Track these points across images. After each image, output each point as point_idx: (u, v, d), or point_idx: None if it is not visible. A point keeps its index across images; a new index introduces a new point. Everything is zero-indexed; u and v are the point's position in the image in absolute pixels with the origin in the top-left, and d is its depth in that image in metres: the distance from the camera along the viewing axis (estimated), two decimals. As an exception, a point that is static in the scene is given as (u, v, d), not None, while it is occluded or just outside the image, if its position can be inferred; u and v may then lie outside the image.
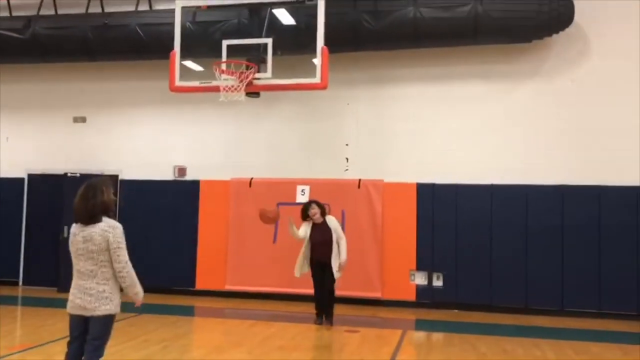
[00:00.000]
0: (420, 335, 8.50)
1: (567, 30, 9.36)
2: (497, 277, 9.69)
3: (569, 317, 9.22)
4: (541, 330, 8.42)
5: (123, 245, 4.18)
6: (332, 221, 8.25)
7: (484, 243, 9.77)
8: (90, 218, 4.15)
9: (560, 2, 9.04)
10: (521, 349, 7.22)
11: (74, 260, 4.22)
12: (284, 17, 8.96)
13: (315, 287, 8.34)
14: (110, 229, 4.15)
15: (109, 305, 4.14)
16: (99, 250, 4.12)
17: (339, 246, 8.12)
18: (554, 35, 9.52)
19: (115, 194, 4.45)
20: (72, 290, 4.22)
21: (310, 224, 8.24)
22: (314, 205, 8.19)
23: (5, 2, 11.08)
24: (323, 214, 8.23)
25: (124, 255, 4.17)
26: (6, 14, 11.05)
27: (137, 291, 4.27)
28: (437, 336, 8.27)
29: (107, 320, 4.20)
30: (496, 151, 9.96)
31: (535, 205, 9.66)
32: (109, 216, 4.24)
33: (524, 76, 10.00)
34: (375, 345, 7.41)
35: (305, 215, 8.25)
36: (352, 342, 7.46)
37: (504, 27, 9.24)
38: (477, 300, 9.76)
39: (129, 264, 4.20)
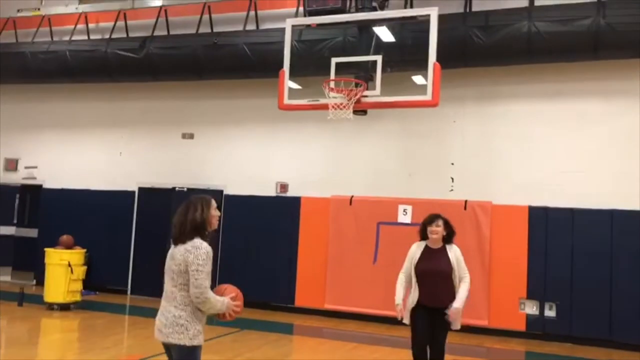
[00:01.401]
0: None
1: (702, 42, 8.54)
2: (617, 309, 8.92)
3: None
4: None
5: (204, 268, 3.74)
6: (455, 250, 5.74)
7: (603, 272, 9.04)
8: (180, 236, 3.84)
9: (695, 12, 8.27)
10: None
11: (165, 279, 3.96)
12: (390, 34, 8.80)
13: (416, 342, 5.68)
14: (192, 250, 3.76)
15: (183, 335, 3.72)
16: (179, 272, 3.77)
17: (459, 286, 5.66)
18: (685, 48, 8.71)
19: (218, 211, 4.08)
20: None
21: (422, 249, 5.77)
22: (439, 220, 5.76)
23: (123, 23, 11.69)
24: (448, 237, 5.77)
25: (202, 279, 3.72)
26: (123, 34, 11.66)
27: (217, 310, 3.83)
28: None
29: (184, 353, 3.75)
30: (617, 174, 9.22)
31: (662, 233, 8.84)
32: (202, 236, 3.86)
33: (649, 93, 9.23)
34: (486, 378, 6.98)
35: (424, 233, 5.80)
36: (461, 374, 7.07)
37: (629, 41, 8.57)
38: (594, 334, 9.03)
39: (209, 291, 3.76)
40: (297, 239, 10.87)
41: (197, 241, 3.82)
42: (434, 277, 5.57)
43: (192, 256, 3.75)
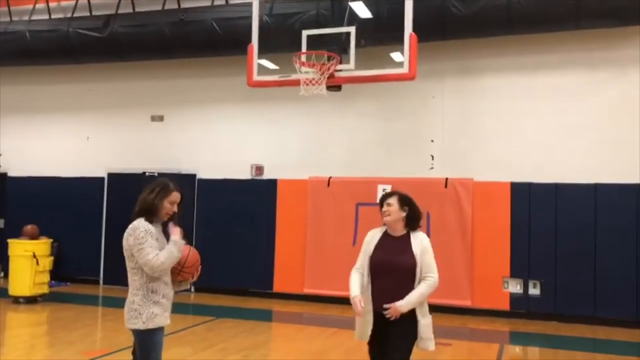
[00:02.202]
0: (519, 350, 7.71)
1: (686, 9, 8.27)
2: (602, 286, 8.73)
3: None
4: (660, 349, 7.45)
5: (144, 245, 3.64)
6: (421, 240, 4.16)
7: (588, 248, 8.83)
8: (133, 215, 3.81)
9: (680, -23, 7.99)
10: (642, 372, 6.34)
11: None
12: (365, 6, 8.39)
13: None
14: (131, 232, 3.72)
15: (137, 319, 3.68)
16: (128, 257, 3.76)
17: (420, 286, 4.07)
18: (670, 16, 8.43)
19: (179, 207, 3.87)
20: None
21: (379, 236, 4.22)
22: (391, 198, 4.23)
23: (86, 1, 11.11)
24: (411, 221, 4.20)
25: (144, 255, 3.63)
26: (86, 13, 11.08)
27: (176, 256, 3.72)
28: (539, 353, 7.46)
29: (141, 337, 3.72)
30: (601, 147, 8.98)
31: (646, 207, 8.63)
32: (150, 220, 3.74)
33: (633, 63, 8.95)
34: (470, 361, 6.73)
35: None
36: (445, 357, 6.80)
37: (613, 9, 8.27)
38: (579, 312, 8.84)
39: (157, 258, 3.63)
40: (274, 222, 10.52)
41: (137, 222, 3.75)
42: (391, 273, 4.05)
43: (131, 239, 3.71)
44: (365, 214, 9.96)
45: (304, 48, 7.47)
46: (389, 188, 9.82)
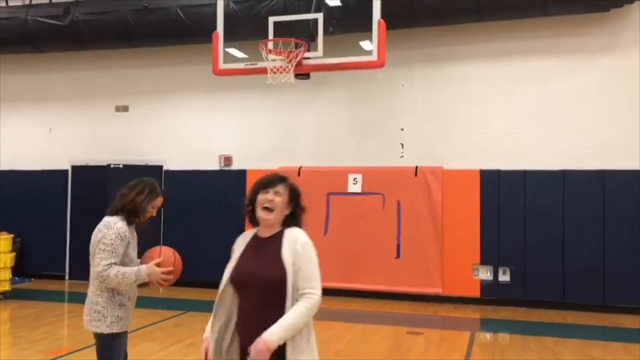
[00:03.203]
0: (490, 337, 7.73)
1: (651, -5, 8.36)
2: (570, 271, 8.83)
3: (654, 316, 8.33)
4: (628, 333, 7.55)
5: (108, 247, 3.44)
6: (296, 240, 2.83)
7: (556, 234, 8.91)
8: (109, 209, 3.63)
9: (645, -37, 8.05)
10: (610, 355, 6.40)
11: None
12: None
13: None
14: (103, 229, 3.52)
15: (100, 322, 3.48)
16: (92, 254, 3.53)
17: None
18: (636, 2, 8.51)
19: (161, 200, 3.75)
20: None
21: (247, 241, 2.97)
22: (281, 185, 2.90)
23: (44, -12, 10.74)
24: (292, 218, 2.93)
25: (102, 257, 3.42)
26: (45, 0, 10.71)
27: (131, 283, 3.49)
28: (509, 339, 7.48)
29: (103, 341, 3.52)
30: (568, 133, 9.05)
31: (613, 192, 8.73)
32: (128, 220, 3.58)
33: (600, 50, 9.02)
34: (442, 350, 6.70)
35: (252, 211, 2.93)
36: (417, 347, 6.78)
37: (579, -5, 8.31)
38: (548, 297, 8.93)
39: (110, 269, 3.41)
40: (244, 213, 10.34)
41: (113, 220, 3.56)
42: (254, 290, 2.80)
43: (100, 234, 3.53)
44: (336, 203, 9.90)
45: (270, 35, 7.33)
46: (359, 177, 9.80)
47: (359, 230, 9.69)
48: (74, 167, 11.42)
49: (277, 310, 2.72)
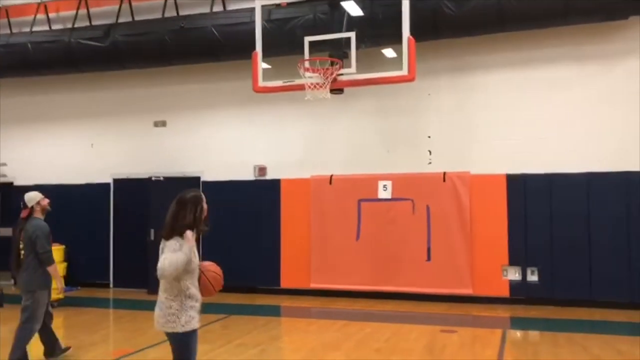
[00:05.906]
0: (521, 335, 8.08)
1: (669, 3, 8.65)
2: (597, 270, 9.14)
3: (680, 313, 8.60)
4: (654, 328, 7.86)
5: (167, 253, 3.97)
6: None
7: (582, 235, 9.23)
8: (170, 233, 4.05)
9: (662, -27, 8.35)
10: (638, 349, 6.72)
11: None
12: (360, 9, 8.69)
13: None
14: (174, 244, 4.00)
15: (175, 323, 3.95)
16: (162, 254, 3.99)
17: None
18: (654, 10, 8.82)
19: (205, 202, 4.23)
20: None
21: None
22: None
23: (85, 11, 11.33)
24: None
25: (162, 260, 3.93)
26: (86, 23, 11.30)
27: (182, 262, 3.93)
28: (540, 336, 7.83)
29: (179, 339, 3.99)
30: (592, 137, 9.36)
31: (637, 194, 9.03)
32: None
33: (621, 55, 9.33)
34: (476, 346, 7.09)
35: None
36: (452, 344, 7.17)
37: (599, 4, 8.63)
38: (575, 296, 9.24)
39: (164, 262, 3.89)
40: (279, 220, 10.83)
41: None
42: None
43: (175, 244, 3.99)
44: (367, 209, 10.30)
45: (306, 54, 7.76)
46: (389, 184, 10.22)
47: (390, 234, 10.08)
48: (115, 180, 12.00)
49: None
